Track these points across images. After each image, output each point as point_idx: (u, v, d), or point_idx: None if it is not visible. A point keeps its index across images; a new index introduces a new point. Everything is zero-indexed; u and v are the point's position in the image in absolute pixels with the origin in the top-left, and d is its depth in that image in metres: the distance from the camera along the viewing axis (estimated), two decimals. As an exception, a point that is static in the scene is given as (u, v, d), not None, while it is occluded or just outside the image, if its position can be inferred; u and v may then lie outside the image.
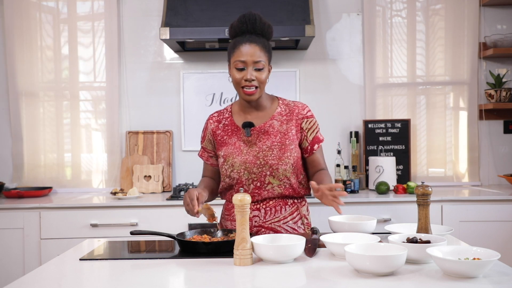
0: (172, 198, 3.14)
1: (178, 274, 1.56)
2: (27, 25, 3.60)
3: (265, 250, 1.56)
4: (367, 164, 3.54)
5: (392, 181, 3.36)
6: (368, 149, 3.59)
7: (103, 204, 3.08)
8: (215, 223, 1.88)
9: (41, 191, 3.41)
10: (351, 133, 3.58)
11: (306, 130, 2.04)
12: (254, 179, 1.98)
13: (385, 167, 3.37)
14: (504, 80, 3.59)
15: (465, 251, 1.49)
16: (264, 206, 2.01)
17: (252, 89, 1.94)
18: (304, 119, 2.05)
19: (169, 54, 3.67)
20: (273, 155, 1.96)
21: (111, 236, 2.92)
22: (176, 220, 2.99)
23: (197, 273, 1.52)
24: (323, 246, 1.75)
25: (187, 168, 3.64)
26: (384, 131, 3.58)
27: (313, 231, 1.87)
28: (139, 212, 3.05)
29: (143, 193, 3.44)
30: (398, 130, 3.58)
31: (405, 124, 3.58)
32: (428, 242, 1.57)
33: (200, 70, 3.65)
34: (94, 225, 3.02)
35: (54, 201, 3.18)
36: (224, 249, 1.71)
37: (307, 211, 2.11)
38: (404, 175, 3.54)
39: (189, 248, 1.74)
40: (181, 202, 3.01)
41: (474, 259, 1.43)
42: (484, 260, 1.38)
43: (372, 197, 3.13)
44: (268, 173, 1.97)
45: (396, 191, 3.25)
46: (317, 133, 2.06)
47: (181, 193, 3.23)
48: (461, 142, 3.64)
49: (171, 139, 3.64)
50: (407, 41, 3.64)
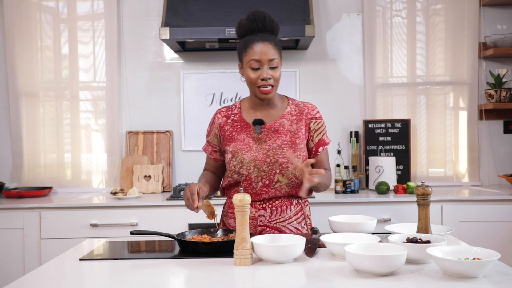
0: (172, 198, 3.13)
1: (178, 274, 1.56)
2: (27, 25, 3.60)
3: (265, 250, 1.56)
4: (367, 164, 3.54)
5: (392, 181, 3.36)
6: (368, 149, 3.59)
7: (103, 204, 3.08)
8: (214, 221, 1.88)
9: (41, 191, 3.41)
10: (351, 133, 3.58)
11: (313, 131, 2.05)
12: (264, 176, 1.98)
13: (385, 167, 3.37)
14: (504, 80, 3.59)
15: (465, 251, 1.49)
16: (270, 206, 2.01)
17: (268, 88, 1.95)
18: (313, 120, 2.06)
19: (169, 54, 3.67)
20: (283, 153, 1.97)
21: (111, 236, 2.92)
22: (176, 220, 3.00)
23: (197, 273, 1.52)
24: (323, 246, 1.75)
25: (187, 168, 3.64)
26: (384, 131, 3.58)
27: (313, 231, 1.87)
28: (139, 212, 3.05)
29: (143, 193, 3.44)
30: (398, 130, 3.58)
31: (405, 124, 3.58)
32: (428, 242, 1.57)
33: (200, 70, 3.65)
34: (94, 225, 3.02)
35: (54, 201, 3.18)
36: (224, 249, 1.71)
37: (309, 211, 2.12)
38: (404, 175, 3.54)
39: (189, 248, 1.74)
40: (181, 202, 3.01)
41: (474, 259, 1.43)
42: (484, 260, 1.38)
43: (372, 197, 3.13)
44: (278, 171, 1.97)
45: (396, 191, 3.25)
46: (323, 135, 2.07)
47: (181, 193, 3.23)
48: (461, 142, 3.64)
49: (171, 139, 3.64)
50: (407, 41, 3.64)
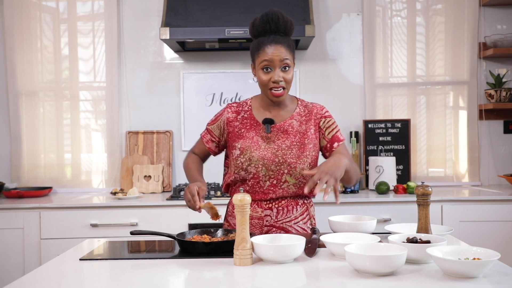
0: (172, 198, 3.13)
1: (178, 274, 1.55)
2: (27, 25, 3.60)
3: (265, 250, 1.56)
4: (367, 164, 3.54)
5: (392, 181, 3.36)
6: (368, 149, 3.59)
7: (103, 204, 3.07)
8: (219, 222, 1.88)
9: (41, 191, 3.41)
10: (351, 133, 3.58)
11: (324, 129, 2.06)
12: (271, 176, 1.98)
13: (385, 167, 3.36)
14: (504, 80, 3.59)
15: (465, 251, 1.49)
16: (276, 206, 2.01)
17: (280, 90, 1.95)
18: (322, 119, 2.07)
19: (169, 54, 3.67)
20: (292, 153, 1.97)
21: (111, 236, 2.92)
22: (176, 220, 2.99)
23: (197, 273, 1.52)
24: (323, 246, 1.75)
25: (187, 168, 3.63)
26: (384, 131, 3.58)
27: (313, 231, 1.87)
28: (139, 212, 3.04)
29: (143, 193, 3.44)
30: (398, 130, 3.58)
31: (405, 124, 3.58)
32: (428, 242, 1.57)
33: (200, 70, 3.65)
34: (94, 225, 3.02)
35: (54, 201, 3.18)
36: (224, 249, 1.70)
37: (314, 211, 2.13)
38: (404, 175, 3.54)
39: (189, 248, 1.74)
40: (181, 202, 3.01)
41: (474, 259, 1.43)
42: (484, 260, 1.38)
43: (372, 197, 3.12)
44: (286, 171, 1.97)
45: (396, 191, 3.25)
46: (336, 132, 2.08)
47: (181, 193, 3.23)
48: (461, 142, 3.64)
49: (171, 139, 3.64)
50: (407, 41, 3.64)
